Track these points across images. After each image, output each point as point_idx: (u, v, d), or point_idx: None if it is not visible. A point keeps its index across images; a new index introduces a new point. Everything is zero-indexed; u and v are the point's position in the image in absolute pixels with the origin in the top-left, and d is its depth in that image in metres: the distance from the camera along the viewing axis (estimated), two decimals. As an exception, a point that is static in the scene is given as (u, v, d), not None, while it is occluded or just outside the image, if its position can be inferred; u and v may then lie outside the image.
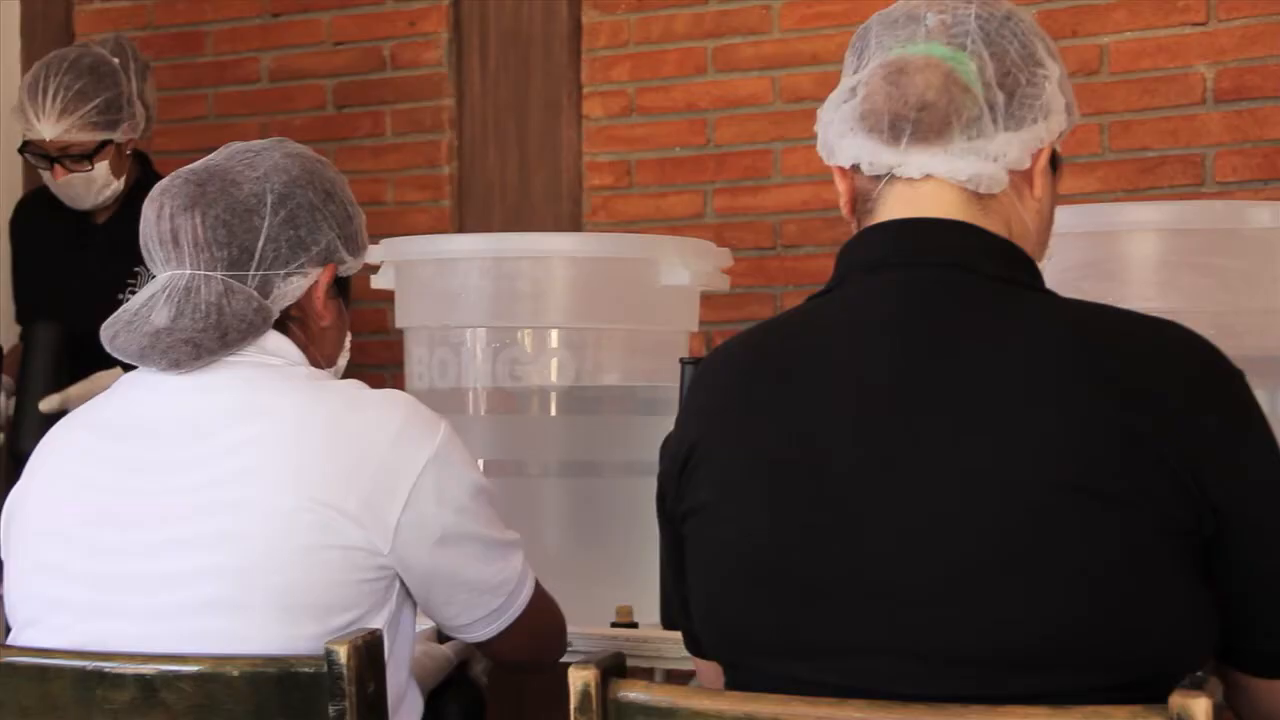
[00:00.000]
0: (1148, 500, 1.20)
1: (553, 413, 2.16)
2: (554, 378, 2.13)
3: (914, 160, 1.32)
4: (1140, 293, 1.78)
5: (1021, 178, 1.34)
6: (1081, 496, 1.20)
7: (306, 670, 1.41)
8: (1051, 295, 1.31)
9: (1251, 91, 2.98)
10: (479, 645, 1.68)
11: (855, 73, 1.37)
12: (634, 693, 1.24)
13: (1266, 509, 1.26)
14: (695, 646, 1.44)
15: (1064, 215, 1.98)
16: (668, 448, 1.38)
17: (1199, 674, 1.21)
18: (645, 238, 2.48)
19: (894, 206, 1.34)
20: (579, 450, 2.12)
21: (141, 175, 2.98)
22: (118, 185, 2.91)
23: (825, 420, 1.27)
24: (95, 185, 2.88)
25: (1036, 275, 1.34)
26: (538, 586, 1.66)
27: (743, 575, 1.28)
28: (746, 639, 1.28)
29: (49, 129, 2.81)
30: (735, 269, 2.47)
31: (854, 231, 1.39)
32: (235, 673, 1.42)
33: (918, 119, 1.31)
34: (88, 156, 2.84)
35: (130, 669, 1.43)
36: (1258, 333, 1.87)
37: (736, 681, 1.29)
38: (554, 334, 2.13)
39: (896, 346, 1.28)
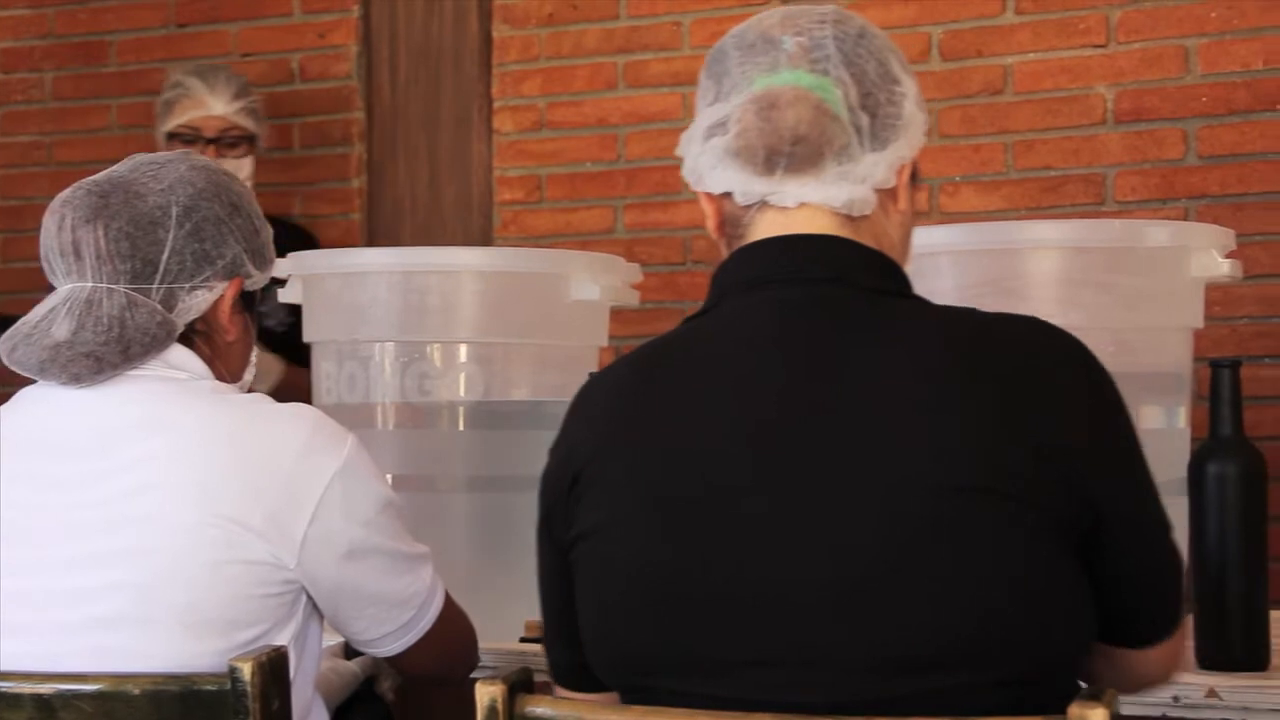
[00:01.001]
0: (1034, 498, 1.23)
1: (461, 428, 2.15)
2: (463, 392, 2.12)
3: (788, 190, 1.34)
4: (1041, 309, 1.79)
5: (887, 194, 1.37)
6: (972, 498, 1.22)
7: (209, 688, 1.40)
8: (923, 301, 1.35)
9: (1150, 113, 3.04)
10: (389, 660, 1.67)
11: (716, 100, 1.37)
12: (541, 708, 1.24)
13: (1140, 500, 1.31)
14: (570, 678, 1.41)
15: (968, 232, 2.02)
16: (551, 473, 1.37)
17: (1093, 686, 1.24)
18: (555, 253, 2.48)
19: (767, 230, 1.36)
20: (488, 465, 2.12)
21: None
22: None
23: (716, 437, 1.28)
24: (240, 176, 2.89)
25: (907, 283, 1.37)
26: (448, 599, 1.66)
27: (638, 595, 1.28)
28: (644, 659, 1.28)
29: (221, 105, 3.06)
30: (645, 284, 2.48)
31: (722, 251, 1.41)
32: (136, 691, 1.40)
33: (792, 152, 1.33)
34: (247, 139, 3.08)
35: (28, 689, 1.41)
36: (1155, 349, 1.91)
37: (635, 704, 1.28)
38: (463, 349, 2.13)
39: (783, 361, 1.29)
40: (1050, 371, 1.29)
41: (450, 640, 1.66)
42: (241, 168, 3.08)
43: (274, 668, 1.41)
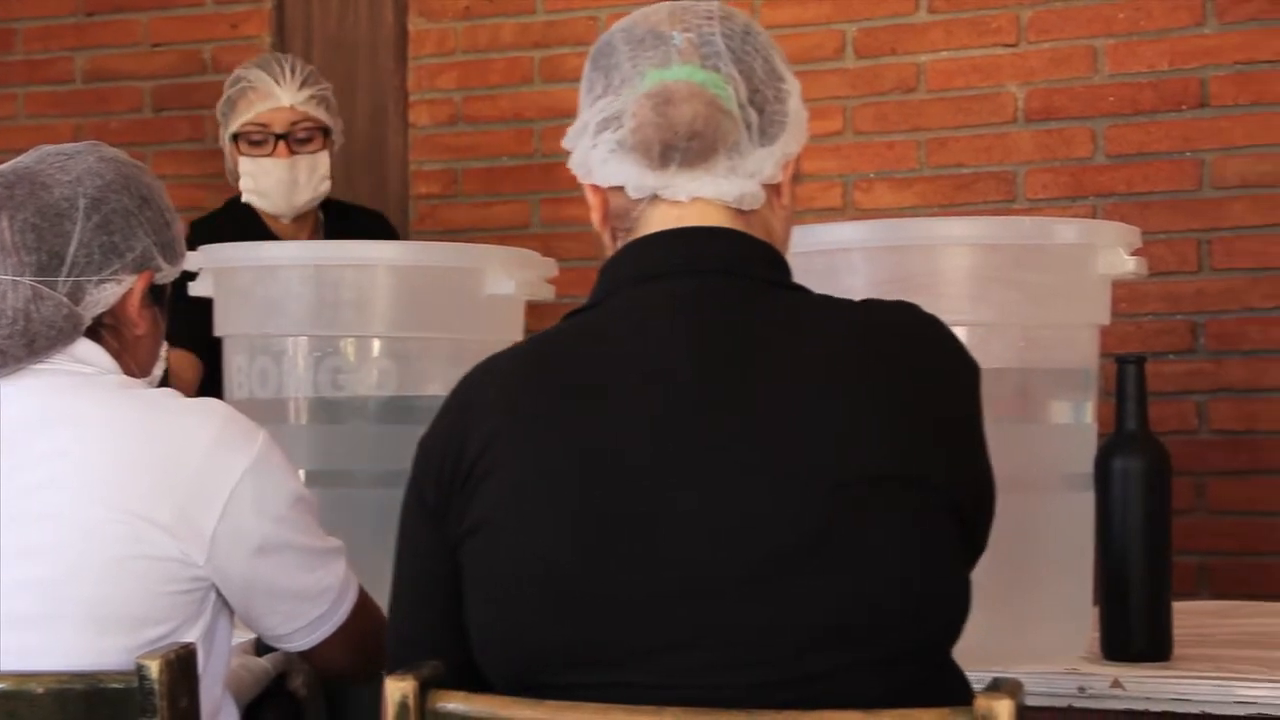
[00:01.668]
0: (933, 479, 1.27)
1: (375, 423, 2.14)
2: (376, 388, 2.11)
3: (681, 184, 1.36)
4: (953, 306, 1.81)
5: (773, 189, 1.39)
6: (875, 481, 1.25)
7: (116, 686, 1.38)
8: (809, 292, 1.37)
9: (1059, 112, 3.08)
10: (302, 655, 1.66)
11: (605, 93, 1.38)
12: (453, 704, 1.24)
13: (989, 485, 1.36)
14: (449, 680, 1.32)
15: (880, 229, 2.03)
16: (436, 467, 1.34)
17: (1007, 676, 1.26)
18: (470, 247, 2.47)
19: (659, 224, 1.37)
20: (402, 461, 2.09)
21: (334, 215, 2.93)
22: (326, 189, 2.86)
23: (617, 429, 1.28)
24: (316, 174, 2.82)
25: (790, 274, 1.39)
26: (362, 594, 1.64)
27: (541, 589, 1.27)
28: (547, 655, 1.27)
29: (289, 96, 2.81)
30: (561, 279, 2.48)
31: (605, 244, 1.41)
32: (40, 689, 1.38)
33: (687, 147, 1.34)
34: (321, 131, 2.83)
35: (-70, 688, 1.39)
36: (1064, 346, 1.93)
37: (545, 698, 1.27)
38: (377, 343, 2.11)
39: (682, 352, 1.30)
40: (935, 355, 1.33)
41: (364, 635, 1.65)
42: (318, 164, 2.83)
43: (182, 665, 1.39)
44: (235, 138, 2.87)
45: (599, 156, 1.38)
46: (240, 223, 2.84)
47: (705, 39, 1.37)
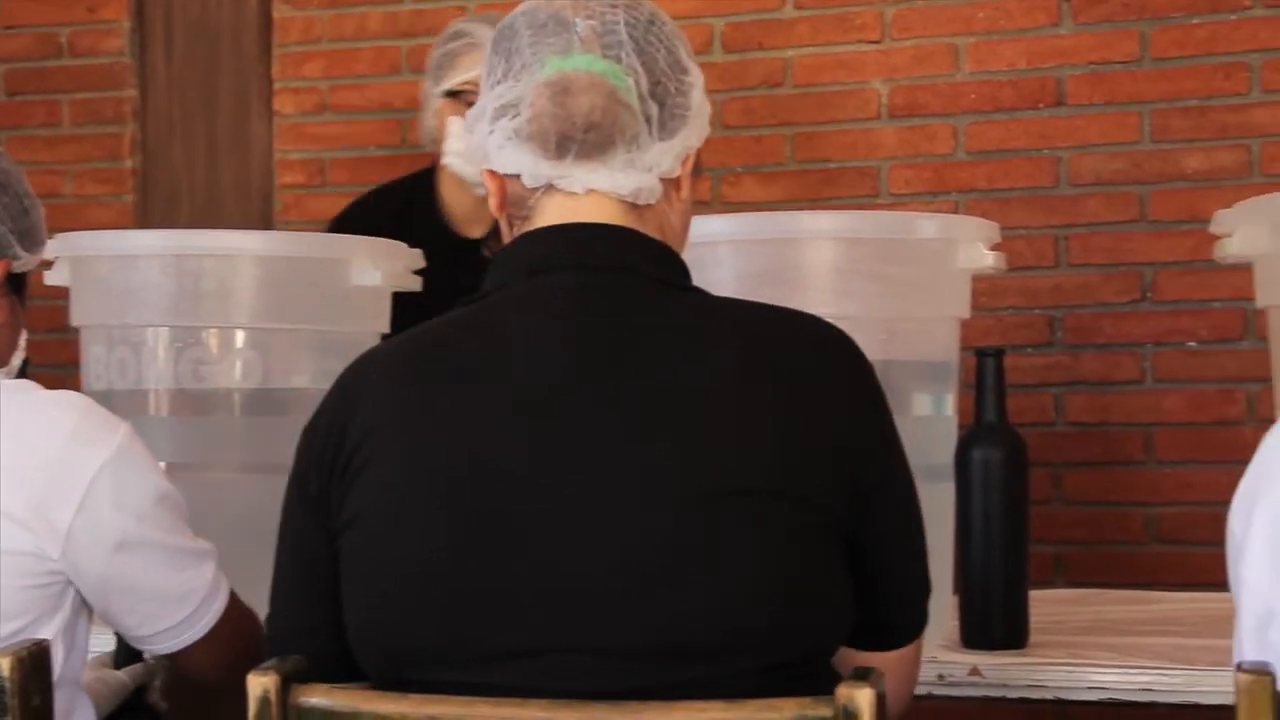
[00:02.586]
0: (811, 496, 1.26)
1: (238, 414, 2.11)
2: (240, 379, 2.08)
3: (577, 175, 1.34)
4: (817, 299, 1.83)
5: (671, 183, 1.38)
6: (751, 494, 1.24)
7: (-33, 683, 1.34)
8: (704, 294, 1.36)
9: (922, 108, 3.13)
10: (170, 660, 1.62)
11: (505, 78, 1.36)
12: (315, 698, 1.23)
13: (902, 493, 1.35)
14: (321, 672, 1.29)
15: (746, 223, 2.05)
16: (317, 456, 1.32)
17: (868, 665, 1.27)
18: (336, 237, 2.44)
19: (554, 214, 1.36)
20: (266, 453, 2.08)
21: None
22: None
23: (500, 424, 1.27)
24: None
25: (688, 275, 1.38)
26: (233, 599, 1.60)
27: (415, 583, 1.26)
28: (419, 650, 1.26)
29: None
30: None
31: (503, 228, 1.40)
32: (-110, 687, 1.34)
33: (584, 139, 1.33)
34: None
35: None
36: (925, 339, 1.96)
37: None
38: (240, 334, 2.08)
39: (569, 349, 1.29)
40: (829, 371, 1.31)
41: (235, 641, 1.60)
42: None
43: (35, 663, 1.36)
44: (449, 94, 2.68)
45: (495, 143, 1.36)
46: (412, 205, 2.66)
47: (608, 27, 1.34)
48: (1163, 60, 3.01)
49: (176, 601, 1.55)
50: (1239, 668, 1.16)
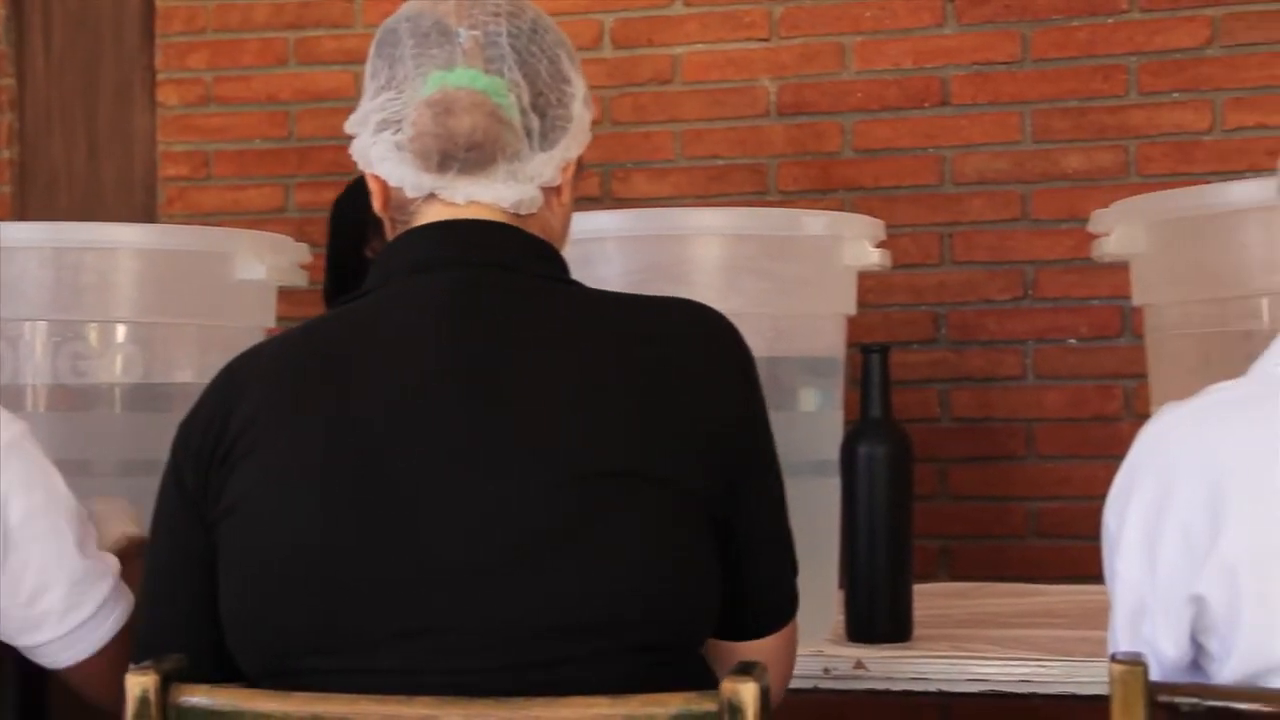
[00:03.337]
0: (684, 482, 1.28)
1: (119, 410, 2.07)
2: (121, 374, 2.05)
3: (459, 188, 1.36)
4: (704, 295, 1.82)
5: (552, 190, 1.40)
6: (625, 479, 1.26)
7: None
8: (584, 288, 1.38)
9: (809, 106, 3.15)
10: (63, 677, 1.57)
11: (388, 85, 1.37)
12: (196, 697, 1.21)
13: (770, 479, 1.38)
14: (198, 670, 1.27)
15: (634, 219, 2.05)
16: (196, 452, 1.32)
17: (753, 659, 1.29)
18: (219, 231, 2.42)
19: (436, 215, 1.37)
20: (149, 449, 2.04)
21: None
22: None
23: (377, 415, 1.28)
24: None
25: (567, 271, 1.40)
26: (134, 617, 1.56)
27: (294, 570, 1.26)
28: (295, 638, 1.26)
29: None
30: (318, 264, 2.44)
31: (387, 229, 1.41)
32: None
33: (466, 158, 1.34)
34: None
35: None
36: (811, 335, 1.97)
37: (295, 686, 1.26)
38: (121, 329, 2.05)
39: (449, 344, 1.31)
40: (707, 358, 1.34)
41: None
42: None
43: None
44: None
45: (378, 153, 1.37)
46: None
47: (491, 38, 1.35)
48: (1043, 61, 3.06)
49: (60, 615, 1.49)
50: (1113, 659, 1.19)
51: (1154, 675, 1.20)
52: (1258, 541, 1.21)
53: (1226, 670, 1.22)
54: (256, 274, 2.07)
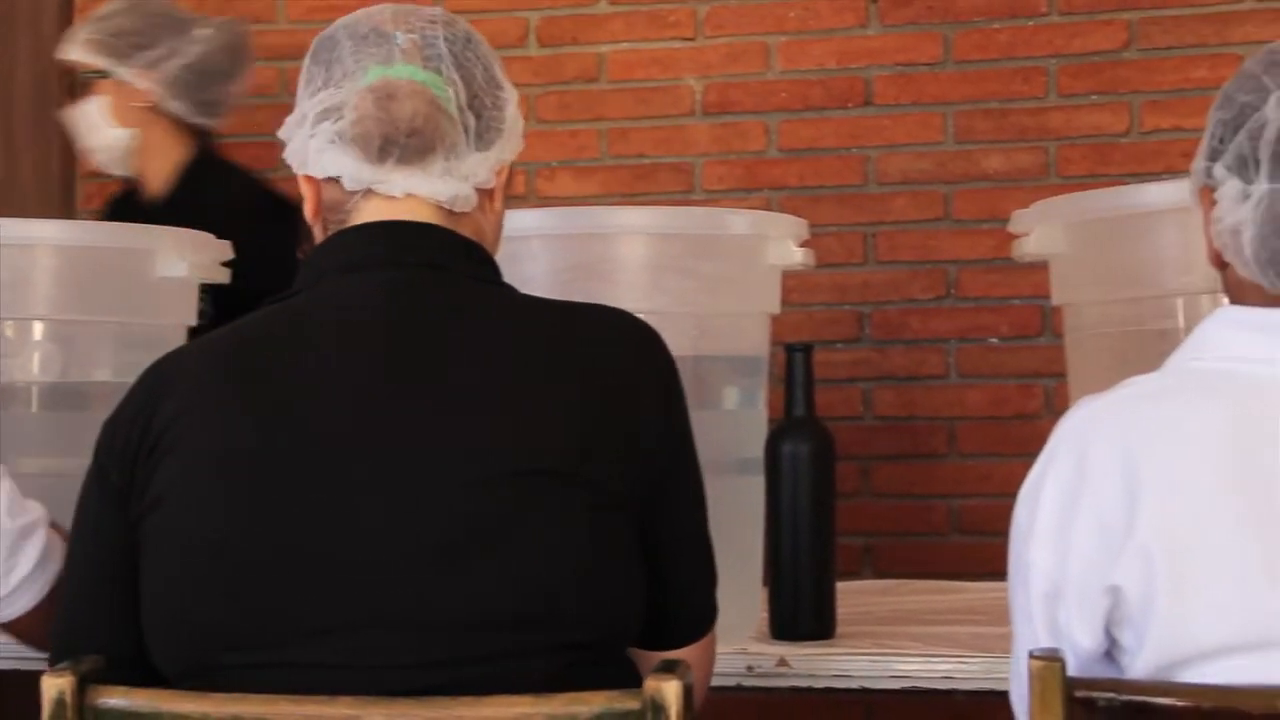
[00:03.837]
0: (605, 478, 1.30)
1: (35, 409, 2.05)
2: (38, 372, 2.02)
3: (396, 180, 1.37)
4: (629, 294, 1.85)
5: (485, 194, 1.43)
6: (551, 479, 1.28)
7: None
8: (515, 291, 1.40)
9: (734, 106, 3.17)
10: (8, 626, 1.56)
11: (325, 86, 1.39)
12: (114, 699, 1.20)
13: (692, 485, 1.40)
14: (117, 673, 1.27)
15: (559, 217, 2.05)
16: (121, 448, 1.32)
17: (676, 658, 1.29)
18: (140, 228, 2.38)
19: (371, 216, 1.39)
20: (69, 449, 2.02)
21: (200, 156, 2.74)
22: (120, 135, 2.69)
23: (305, 411, 1.29)
24: (90, 123, 2.67)
25: (499, 274, 1.42)
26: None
27: (211, 566, 1.26)
28: (215, 633, 1.26)
29: (67, 47, 2.68)
30: (238, 262, 2.42)
31: (318, 236, 1.42)
32: None
33: (406, 144, 1.36)
34: (93, 79, 2.67)
35: None
36: (736, 334, 1.98)
37: (215, 683, 1.26)
38: (38, 326, 2.03)
39: (381, 341, 1.32)
40: (631, 365, 1.36)
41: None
42: (88, 114, 2.73)
43: None
44: None
45: (316, 146, 1.38)
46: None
47: (428, 41, 1.39)
48: (965, 63, 3.09)
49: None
50: (1031, 655, 1.20)
51: (1070, 665, 1.22)
52: (1172, 533, 1.23)
53: (1139, 662, 1.24)
54: (178, 271, 2.06)
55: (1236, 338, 1.32)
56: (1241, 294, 1.36)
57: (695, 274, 1.91)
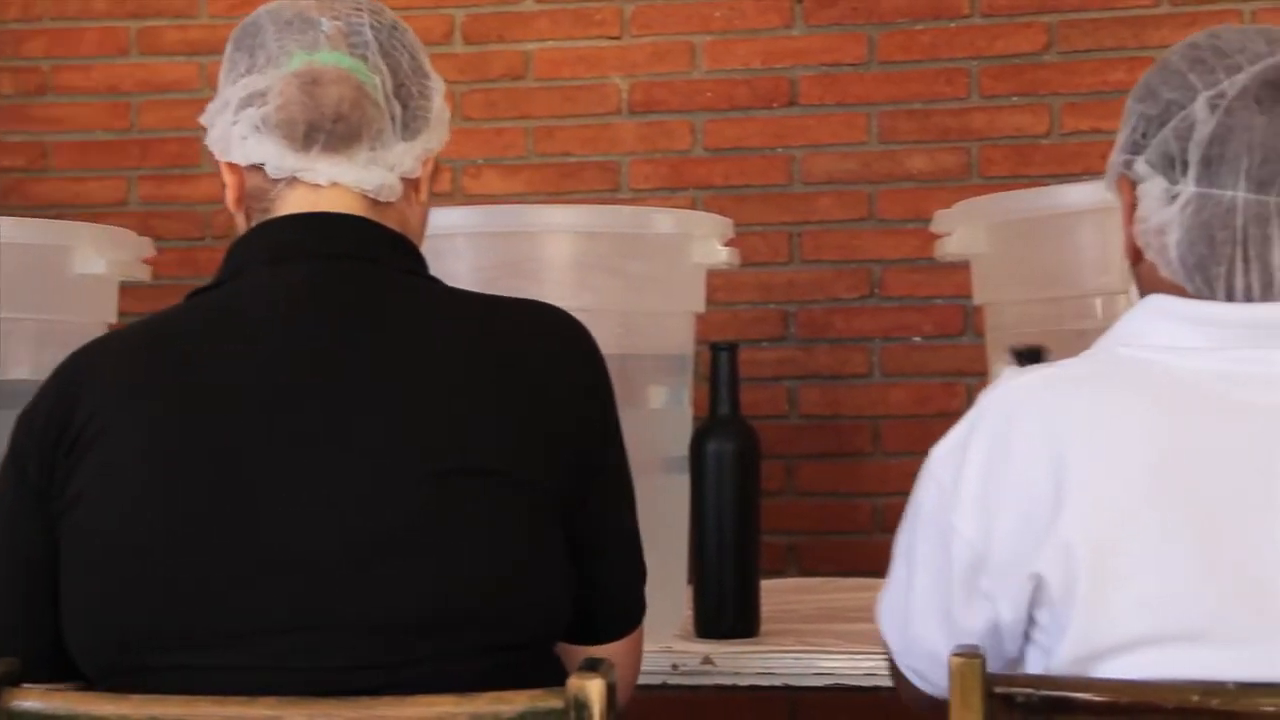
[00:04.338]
0: (533, 477, 1.28)
1: (-50, 408, 2.01)
2: (-48, 370, 1.99)
3: (321, 168, 1.36)
4: (555, 292, 1.84)
5: (411, 184, 1.41)
6: (478, 477, 1.26)
7: None
8: (441, 284, 1.38)
9: (660, 105, 3.17)
10: None
11: (249, 72, 1.37)
12: (30, 702, 1.18)
13: (621, 482, 1.39)
14: (37, 672, 1.25)
15: (484, 215, 2.05)
16: (39, 443, 1.30)
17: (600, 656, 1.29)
18: (56, 224, 2.35)
19: (295, 206, 1.37)
20: (-17, 448, 1.99)
21: None
22: None
23: (228, 407, 1.27)
24: None
25: (426, 266, 1.40)
26: None
27: (134, 566, 1.24)
28: (137, 634, 1.24)
29: None
30: (162, 259, 2.39)
31: (239, 225, 1.41)
32: None
33: (332, 130, 1.34)
34: None
35: None
36: (661, 333, 1.99)
37: (135, 684, 1.24)
38: (-47, 324, 1.99)
39: (306, 334, 1.30)
40: (556, 359, 1.34)
41: None
42: None
43: None
44: None
45: (239, 133, 1.36)
46: None
47: (354, 28, 1.37)
48: (889, 64, 3.11)
49: None
50: (952, 653, 1.20)
51: (989, 630, 1.23)
52: (1097, 529, 1.23)
53: (1060, 650, 1.24)
54: (96, 268, 2.03)
55: (1166, 328, 1.30)
56: (1156, 289, 1.34)
57: (621, 272, 1.91)
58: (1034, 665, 1.28)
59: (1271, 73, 1.30)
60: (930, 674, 1.33)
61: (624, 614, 1.43)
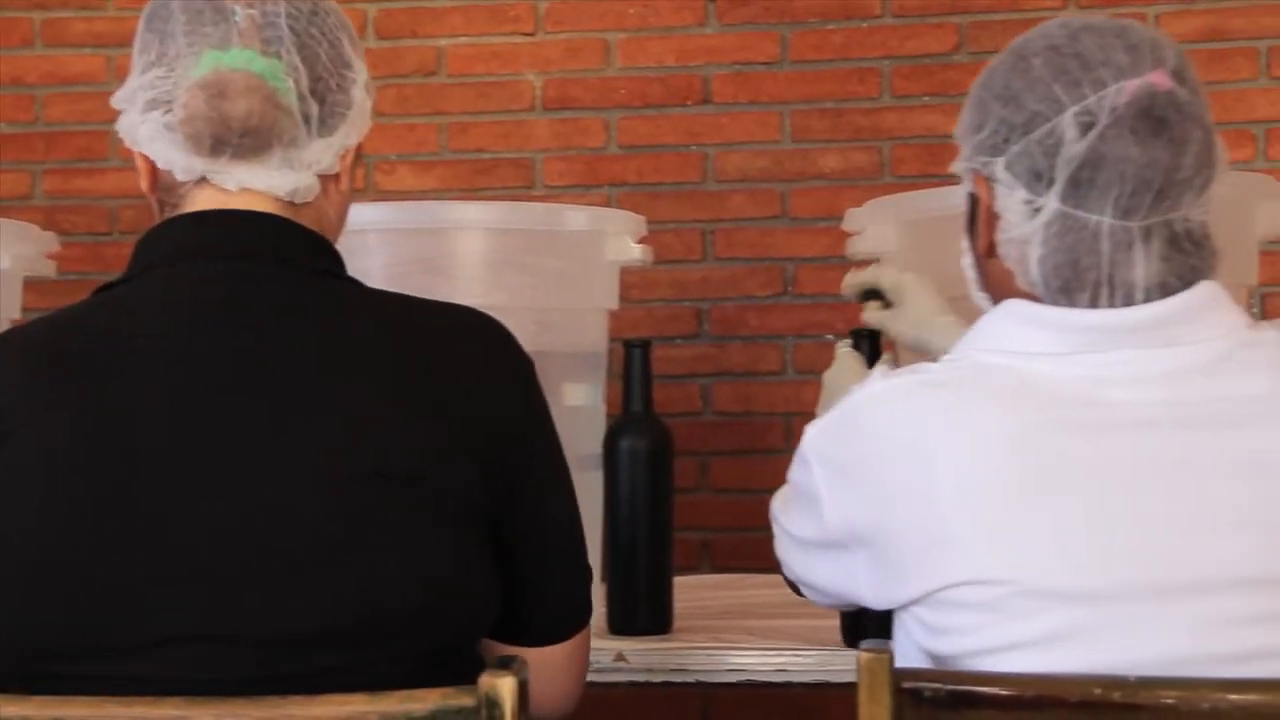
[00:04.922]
0: (453, 481, 1.26)
1: None
2: None
3: (232, 173, 1.32)
4: (468, 289, 1.84)
5: (330, 177, 1.37)
6: (392, 481, 1.23)
7: None
8: (358, 284, 1.35)
9: (574, 101, 3.17)
10: None
11: (157, 62, 1.32)
12: (-70, 706, 1.16)
13: (552, 480, 1.37)
14: None
15: (397, 212, 2.03)
16: None
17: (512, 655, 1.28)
18: (-41, 219, 2.31)
19: (206, 202, 1.33)
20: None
21: None
22: None
23: (134, 410, 1.23)
24: None
25: (342, 266, 1.37)
26: None
27: (36, 574, 1.21)
28: (39, 643, 1.21)
29: None
30: (68, 254, 2.36)
31: (154, 209, 1.37)
32: None
33: (240, 143, 1.31)
34: None
35: None
36: (575, 330, 1.98)
37: (40, 692, 1.21)
38: None
39: (212, 337, 1.26)
40: (483, 364, 1.32)
41: None
42: None
43: None
44: None
45: (146, 133, 1.32)
46: None
47: (269, 19, 1.31)
48: (801, 63, 3.13)
49: None
50: (861, 648, 1.21)
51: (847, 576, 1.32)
52: (966, 519, 1.24)
53: (955, 647, 1.27)
54: (0, 264, 2.00)
55: (1023, 332, 1.31)
56: (1006, 291, 1.35)
57: (534, 269, 1.91)
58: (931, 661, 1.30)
59: (1146, 100, 1.28)
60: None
61: (565, 616, 1.40)
